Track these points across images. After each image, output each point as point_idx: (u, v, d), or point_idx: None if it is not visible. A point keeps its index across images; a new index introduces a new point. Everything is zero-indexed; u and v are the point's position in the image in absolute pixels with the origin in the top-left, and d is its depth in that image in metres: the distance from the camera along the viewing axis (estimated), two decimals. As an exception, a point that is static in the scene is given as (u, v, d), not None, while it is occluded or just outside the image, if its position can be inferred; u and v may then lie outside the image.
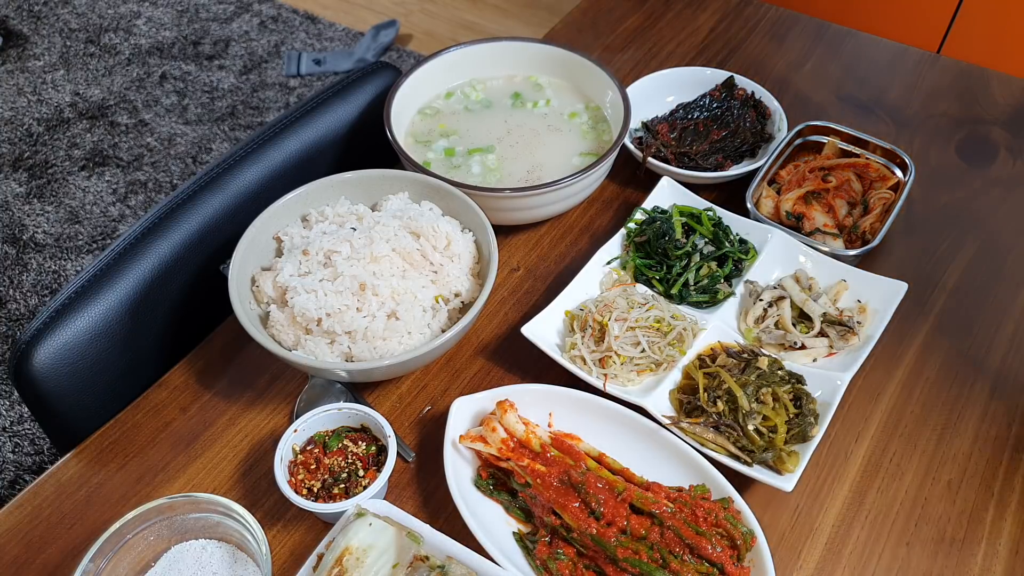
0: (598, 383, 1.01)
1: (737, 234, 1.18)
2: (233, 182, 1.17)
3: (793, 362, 1.06)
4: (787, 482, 0.92)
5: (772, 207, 1.23)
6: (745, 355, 1.04)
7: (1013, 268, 1.21)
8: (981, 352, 1.11)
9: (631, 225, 1.20)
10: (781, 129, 1.32)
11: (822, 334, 1.08)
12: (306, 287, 1.00)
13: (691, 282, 1.13)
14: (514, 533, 0.93)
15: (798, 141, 1.31)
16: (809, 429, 0.96)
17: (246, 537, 0.86)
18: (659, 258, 1.15)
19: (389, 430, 0.94)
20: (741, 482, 0.94)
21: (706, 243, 1.16)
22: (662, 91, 1.41)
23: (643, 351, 1.04)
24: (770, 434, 0.97)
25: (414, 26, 3.39)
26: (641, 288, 1.13)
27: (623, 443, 0.98)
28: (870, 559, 0.93)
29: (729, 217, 1.19)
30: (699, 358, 1.06)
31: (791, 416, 0.98)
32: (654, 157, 1.28)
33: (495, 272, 1.03)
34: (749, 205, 1.21)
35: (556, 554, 0.88)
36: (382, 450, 0.95)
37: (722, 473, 0.93)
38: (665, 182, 1.24)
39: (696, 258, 1.14)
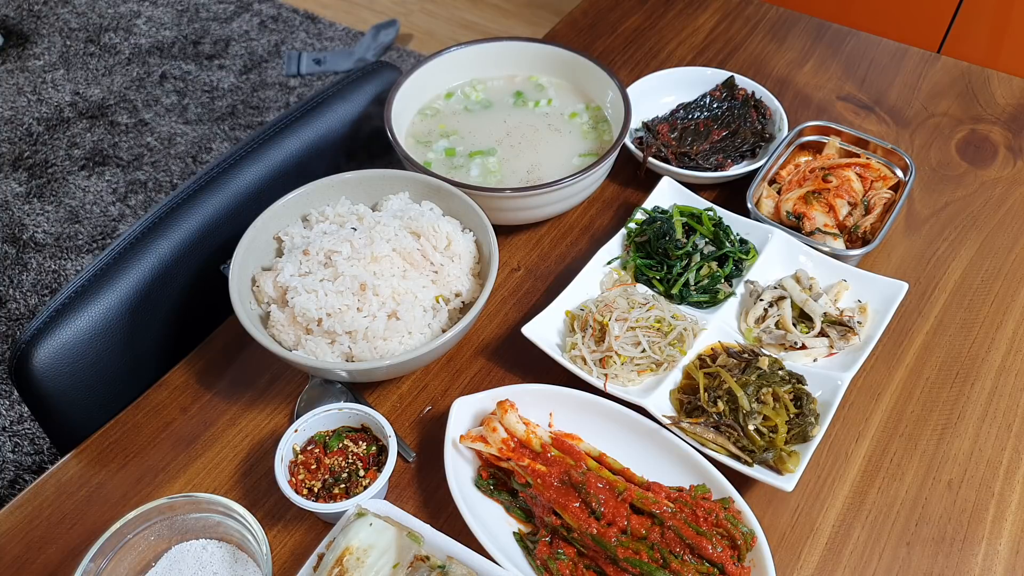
0: (599, 383, 1.01)
1: (737, 234, 1.18)
2: (233, 182, 1.17)
3: (793, 362, 1.06)
4: (787, 482, 0.92)
5: (772, 207, 1.23)
6: (746, 355, 1.04)
7: (1013, 268, 1.21)
8: (981, 352, 1.11)
9: (631, 225, 1.20)
10: (781, 129, 1.32)
11: (823, 334, 1.08)
12: (307, 287, 1.00)
13: (691, 282, 1.13)
14: (514, 533, 0.93)
15: (799, 141, 1.31)
16: (810, 429, 0.96)
17: (246, 537, 0.86)
18: (659, 258, 1.15)
19: (389, 430, 0.94)
20: (741, 482, 0.94)
21: (706, 243, 1.16)
22: (662, 91, 1.41)
23: (644, 351, 1.04)
24: (770, 434, 0.97)
25: (414, 26, 3.39)
26: (641, 288, 1.13)
27: (623, 443, 0.98)
28: (870, 559, 0.93)
29: (729, 217, 1.19)
30: (699, 358, 1.06)
31: (791, 416, 0.98)
32: (654, 157, 1.28)
33: (495, 272, 1.03)
34: (749, 205, 1.21)
35: (556, 554, 0.88)
36: (382, 450, 0.95)
37: (722, 473, 0.93)
38: (665, 182, 1.24)
39: (696, 258, 1.14)
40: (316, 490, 0.92)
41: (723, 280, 1.13)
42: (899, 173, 1.26)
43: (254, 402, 1.06)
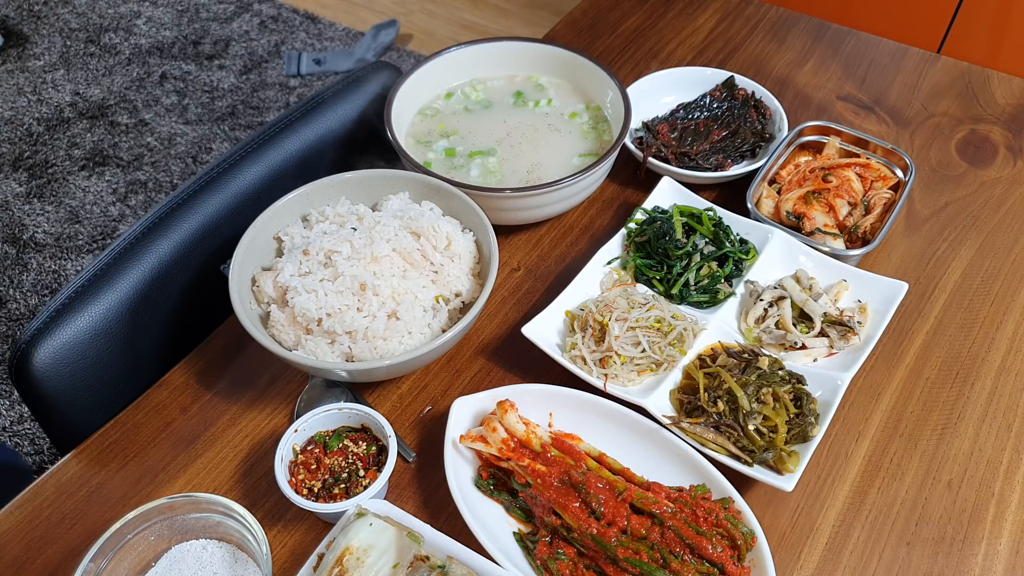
0: (599, 383, 1.01)
1: (737, 234, 1.18)
2: (233, 182, 1.17)
3: (793, 362, 1.06)
4: (787, 482, 0.92)
5: (772, 207, 1.23)
6: (746, 355, 1.04)
7: (1013, 268, 1.21)
8: (981, 352, 1.11)
9: (631, 225, 1.20)
10: (781, 129, 1.32)
11: (823, 334, 1.08)
12: (307, 287, 1.00)
13: (691, 282, 1.13)
14: (514, 533, 0.93)
15: (799, 141, 1.31)
16: (809, 429, 0.96)
17: (246, 537, 0.86)
18: (660, 258, 1.15)
19: (390, 430, 0.94)
20: (741, 482, 0.94)
21: (706, 243, 1.16)
22: (662, 91, 1.41)
23: (644, 351, 1.04)
24: (770, 434, 0.97)
25: (414, 26, 3.39)
26: (642, 288, 1.13)
27: (623, 443, 0.98)
28: (870, 559, 0.93)
29: (729, 217, 1.19)
30: (699, 358, 1.06)
31: (791, 416, 0.98)
32: (654, 157, 1.28)
33: (495, 272, 1.03)
34: (749, 205, 1.21)
35: (556, 554, 0.88)
36: (383, 450, 0.95)
37: (722, 473, 0.93)
38: (665, 182, 1.24)
39: (696, 258, 1.14)
40: (316, 490, 0.92)
41: (723, 280, 1.13)
42: (899, 173, 1.26)
43: (254, 402, 1.06)
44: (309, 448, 0.95)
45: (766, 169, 1.25)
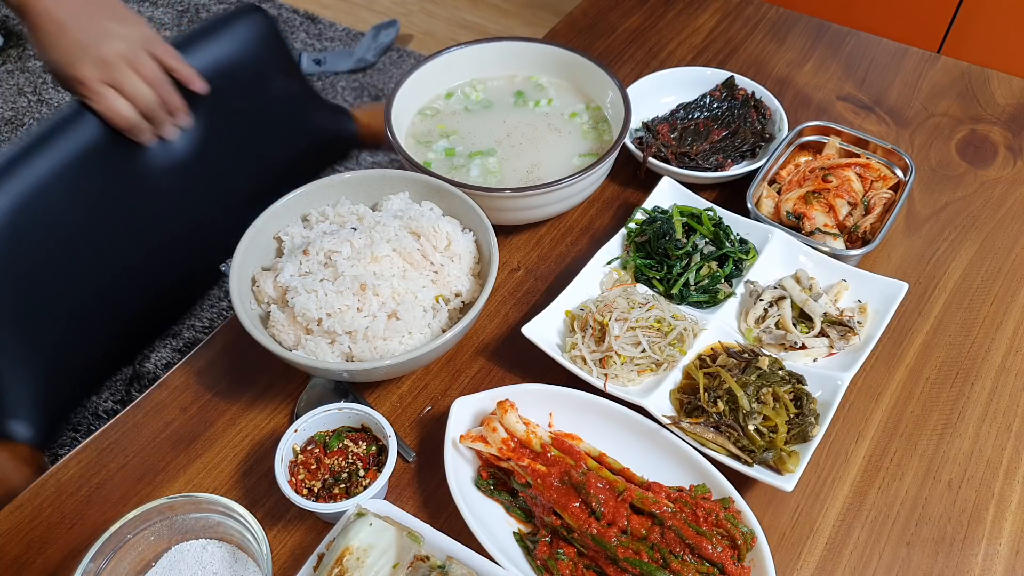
0: (599, 383, 1.01)
1: (737, 234, 1.18)
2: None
3: (793, 362, 1.06)
4: (787, 482, 0.92)
5: (772, 207, 1.23)
6: (745, 355, 1.04)
7: (1013, 268, 1.21)
8: (981, 352, 1.11)
9: (631, 225, 1.20)
10: (781, 129, 1.32)
11: (823, 334, 1.08)
12: (307, 287, 1.00)
13: (691, 282, 1.13)
14: (515, 533, 0.93)
15: (799, 141, 1.31)
16: (810, 429, 0.96)
17: (246, 537, 0.86)
18: (659, 258, 1.15)
19: (390, 430, 0.94)
20: (741, 482, 0.94)
21: (706, 243, 1.16)
22: (662, 91, 1.41)
23: (644, 351, 1.04)
24: (770, 434, 0.97)
25: (414, 26, 3.39)
26: (642, 288, 1.13)
27: (623, 443, 0.98)
28: (870, 559, 0.93)
29: (729, 217, 1.19)
30: (699, 358, 1.05)
31: (791, 416, 0.98)
32: (654, 157, 1.28)
33: (495, 272, 1.03)
34: (749, 205, 1.21)
35: (557, 554, 0.88)
36: (383, 450, 0.95)
37: (722, 473, 0.93)
38: (665, 182, 1.24)
39: (696, 258, 1.14)
40: (316, 490, 0.92)
41: (723, 280, 1.13)
42: (899, 173, 1.26)
43: (254, 402, 1.06)
44: (309, 448, 0.95)
45: (766, 169, 1.25)
